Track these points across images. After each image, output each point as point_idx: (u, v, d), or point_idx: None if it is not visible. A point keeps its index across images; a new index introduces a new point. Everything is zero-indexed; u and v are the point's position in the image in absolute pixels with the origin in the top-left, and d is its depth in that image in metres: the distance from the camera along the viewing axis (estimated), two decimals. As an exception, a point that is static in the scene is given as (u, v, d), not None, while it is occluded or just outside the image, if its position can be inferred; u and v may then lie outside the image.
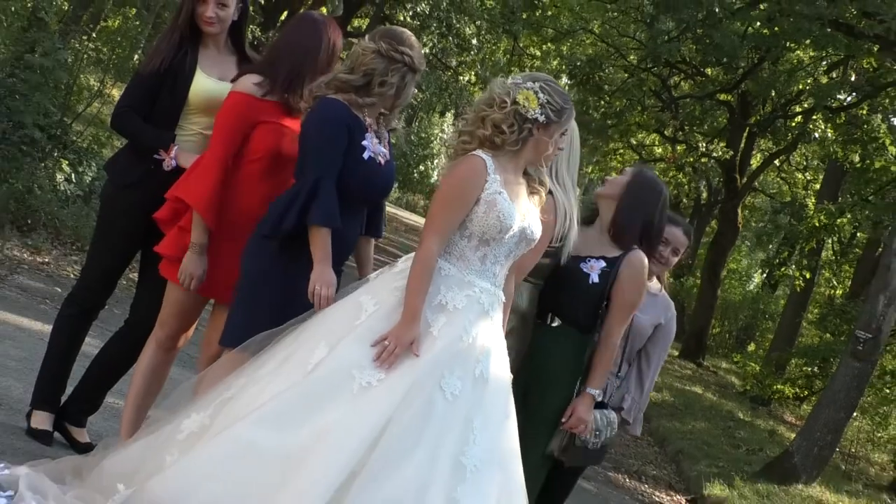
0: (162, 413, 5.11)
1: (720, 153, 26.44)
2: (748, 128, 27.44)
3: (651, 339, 6.12)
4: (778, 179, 34.26)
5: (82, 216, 12.11)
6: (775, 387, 23.40)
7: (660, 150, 32.59)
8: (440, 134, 52.68)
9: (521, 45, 30.03)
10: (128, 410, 5.79)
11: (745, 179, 28.30)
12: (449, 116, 40.56)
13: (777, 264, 31.48)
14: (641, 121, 28.63)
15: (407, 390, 4.56)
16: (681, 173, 30.74)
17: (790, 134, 27.12)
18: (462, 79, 30.35)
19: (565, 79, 26.69)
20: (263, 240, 5.21)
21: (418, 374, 4.60)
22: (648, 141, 32.71)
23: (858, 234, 27.13)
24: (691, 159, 28.18)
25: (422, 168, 54.31)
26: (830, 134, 24.56)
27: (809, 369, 23.68)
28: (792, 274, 28.31)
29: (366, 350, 4.62)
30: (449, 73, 30.04)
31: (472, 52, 29.44)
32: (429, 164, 54.36)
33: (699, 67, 26.71)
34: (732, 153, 26.61)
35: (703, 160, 28.03)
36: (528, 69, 28.02)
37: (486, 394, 4.76)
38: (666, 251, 6.16)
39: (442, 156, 49.25)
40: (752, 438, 18.51)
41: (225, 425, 4.63)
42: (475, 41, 28.86)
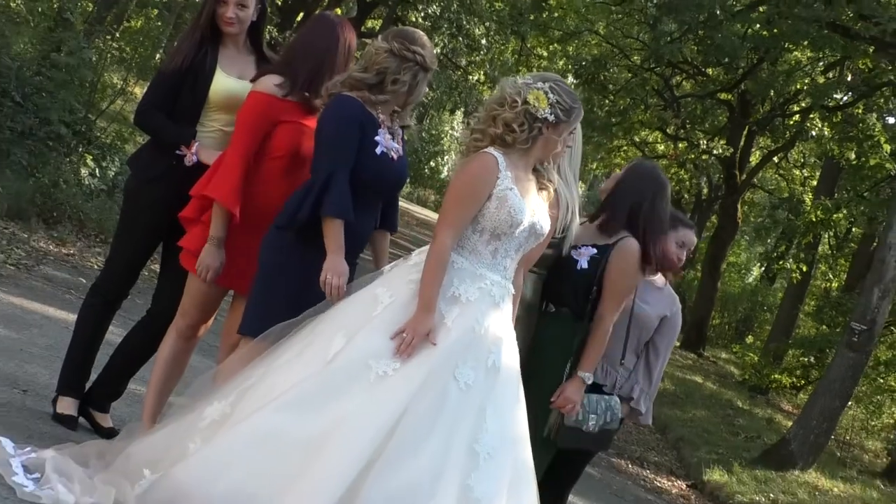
0: (185, 401, 5.11)
1: (720, 150, 26.39)
2: (748, 126, 27.37)
3: (658, 331, 6.09)
4: (776, 176, 34.17)
5: (106, 209, 12.11)
6: (773, 376, 23.39)
7: (662, 148, 32.52)
8: (450, 131, 52.56)
9: (529, 46, 29.99)
10: (149, 396, 5.79)
11: (745, 176, 28.24)
12: (459, 114, 40.51)
13: (775, 258, 31.50)
14: (644, 119, 28.58)
15: (423, 380, 4.57)
16: (682, 170, 30.72)
17: (788, 132, 27.08)
18: (471, 78, 30.32)
19: (571, 78, 26.60)
20: (279, 231, 5.23)
21: (433, 365, 4.60)
22: (651, 138, 32.65)
23: (854, 229, 27.07)
24: (692, 156, 28.16)
25: (432, 164, 54.22)
26: (827, 132, 24.49)
27: (806, 359, 23.66)
28: (789, 267, 28.30)
29: (382, 340, 4.62)
30: (459, 73, 30.02)
31: (482, 53, 29.42)
32: (439, 161, 54.26)
33: (700, 67, 26.66)
34: (732, 150, 26.55)
35: (704, 157, 27.99)
36: (536, 69, 28.00)
37: (498, 383, 4.77)
38: (682, 253, 6.14)
39: (452, 152, 49.25)
40: (751, 426, 18.50)
41: (245, 413, 4.64)
42: (484, 42, 28.84)
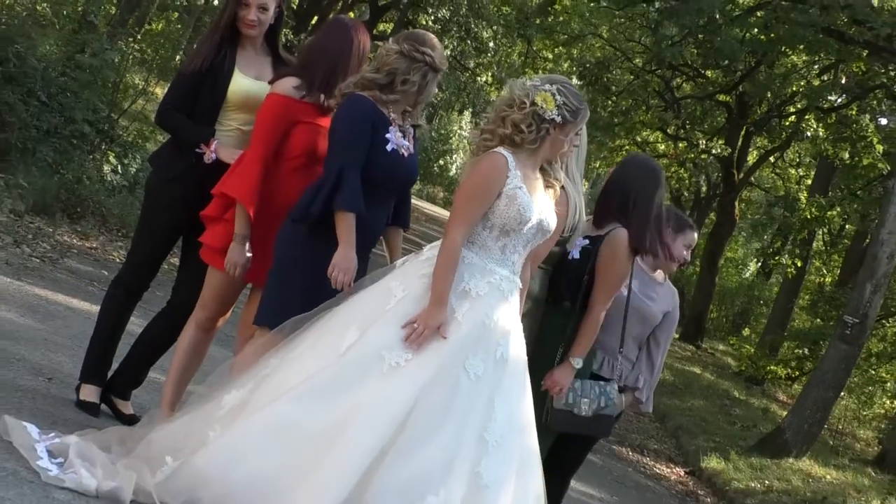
0: (204, 390, 5.12)
1: (719, 150, 26.36)
2: (745, 126, 27.34)
3: (659, 325, 6.09)
4: (773, 175, 34.13)
5: (127, 205, 12.13)
6: (768, 368, 23.37)
7: (663, 147, 32.48)
8: (458, 131, 52.50)
9: (535, 49, 29.96)
10: (169, 385, 5.80)
11: (742, 175, 28.19)
12: (467, 114, 40.45)
13: (771, 254, 31.44)
14: (646, 119, 28.56)
15: (434, 371, 4.58)
16: (682, 169, 30.71)
17: (784, 132, 27.06)
18: (479, 79, 30.29)
19: (575, 80, 26.55)
20: (294, 225, 5.25)
21: (444, 357, 4.62)
22: (652, 138, 32.61)
23: (847, 226, 27.01)
24: (692, 156, 28.13)
25: (441, 162, 54.16)
26: (822, 133, 24.46)
27: (800, 351, 23.64)
28: (785, 263, 28.26)
29: (396, 333, 4.63)
30: (467, 74, 29.98)
31: (489, 55, 29.39)
32: (448, 159, 54.21)
33: (700, 70, 26.61)
34: (730, 150, 26.52)
35: (703, 157, 27.97)
36: (541, 71, 28.01)
37: (506, 374, 4.78)
38: (688, 254, 6.15)
39: (460, 151, 49.20)
40: (747, 416, 18.49)
41: (262, 402, 4.65)
42: (492, 44, 28.80)
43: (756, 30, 19.68)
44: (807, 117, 24.87)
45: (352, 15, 26.96)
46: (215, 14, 5.77)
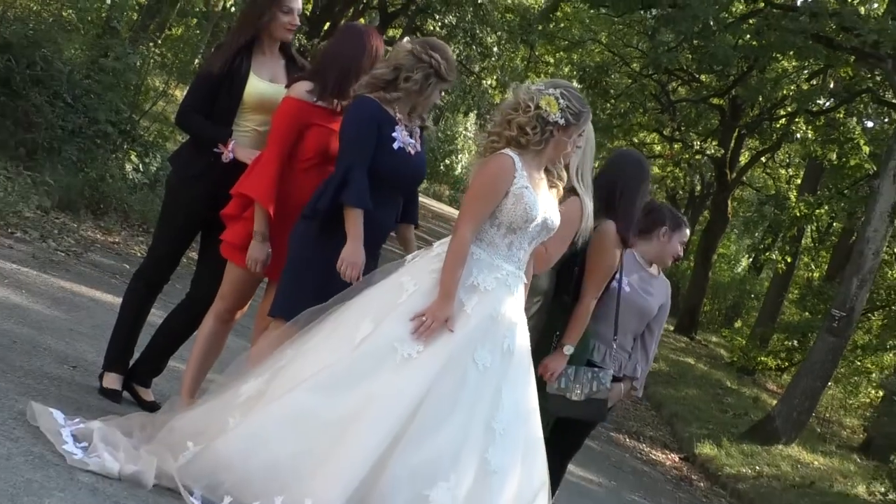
0: (223, 379, 5.13)
1: (712, 151, 26.33)
2: (738, 128, 27.29)
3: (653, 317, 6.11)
4: (764, 174, 34.09)
5: (148, 202, 12.13)
6: (759, 358, 23.37)
7: (659, 148, 32.47)
8: (464, 132, 52.40)
9: (537, 54, 29.94)
10: (188, 373, 5.80)
11: (735, 174, 28.15)
12: (472, 116, 40.41)
13: (762, 250, 31.44)
14: (643, 121, 28.56)
15: (444, 363, 4.60)
16: (677, 168, 30.71)
17: (775, 134, 27.00)
18: (484, 83, 30.24)
19: (576, 83, 26.49)
20: (305, 220, 5.25)
21: (454, 349, 4.63)
22: (649, 139, 32.60)
23: (835, 224, 26.95)
24: (687, 156, 28.12)
25: (447, 162, 54.07)
26: (811, 135, 24.42)
27: (790, 343, 23.63)
28: (775, 258, 28.24)
29: (407, 326, 4.65)
30: (472, 78, 29.94)
31: (493, 59, 29.34)
32: (453, 159, 54.12)
33: (695, 74, 26.55)
34: (723, 151, 26.48)
35: (698, 157, 27.93)
36: (543, 75, 28.03)
37: (512, 364, 4.80)
38: (681, 249, 6.17)
39: (466, 151, 49.12)
40: (738, 404, 18.50)
41: (279, 392, 4.67)
42: (496, 49, 28.75)
43: (748, 36, 19.63)
44: (796, 120, 24.82)
45: (363, 21, 26.95)
46: (232, 20, 5.78)
